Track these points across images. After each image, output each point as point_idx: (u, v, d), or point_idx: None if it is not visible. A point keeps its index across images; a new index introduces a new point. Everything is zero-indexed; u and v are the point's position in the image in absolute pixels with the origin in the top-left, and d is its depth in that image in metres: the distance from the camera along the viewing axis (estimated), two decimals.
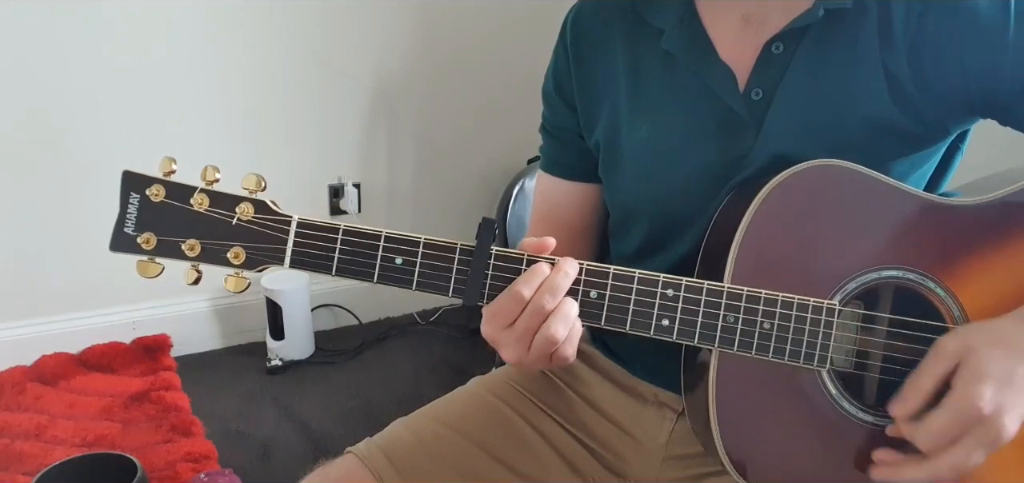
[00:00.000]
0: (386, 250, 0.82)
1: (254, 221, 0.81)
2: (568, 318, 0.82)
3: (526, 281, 0.81)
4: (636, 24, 0.99)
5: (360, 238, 0.82)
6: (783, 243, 0.87)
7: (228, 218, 0.81)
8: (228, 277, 0.84)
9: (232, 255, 0.82)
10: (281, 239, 0.82)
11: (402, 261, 0.83)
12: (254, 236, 0.81)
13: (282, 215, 0.82)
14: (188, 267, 0.83)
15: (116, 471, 1.60)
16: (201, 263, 0.83)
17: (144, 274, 0.84)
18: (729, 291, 0.84)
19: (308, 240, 0.82)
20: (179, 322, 2.36)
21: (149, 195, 0.81)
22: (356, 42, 2.38)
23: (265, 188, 0.82)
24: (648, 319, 0.85)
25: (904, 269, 0.87)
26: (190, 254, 0.82)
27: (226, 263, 0.82)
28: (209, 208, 0.81)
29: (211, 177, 0.82)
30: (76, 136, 2.15)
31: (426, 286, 0.83)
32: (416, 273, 0.82)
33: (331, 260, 0.82)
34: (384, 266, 0.82)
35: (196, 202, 0.81)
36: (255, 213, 0.81)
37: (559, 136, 1.08)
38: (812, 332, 0.85)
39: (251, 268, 0.82)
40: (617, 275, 0.84)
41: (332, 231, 0.82)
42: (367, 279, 0.83)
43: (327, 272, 0.82)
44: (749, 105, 0.93)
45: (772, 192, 0.86)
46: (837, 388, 0.87)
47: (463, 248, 0.83)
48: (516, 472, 1.01)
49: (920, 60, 0.88)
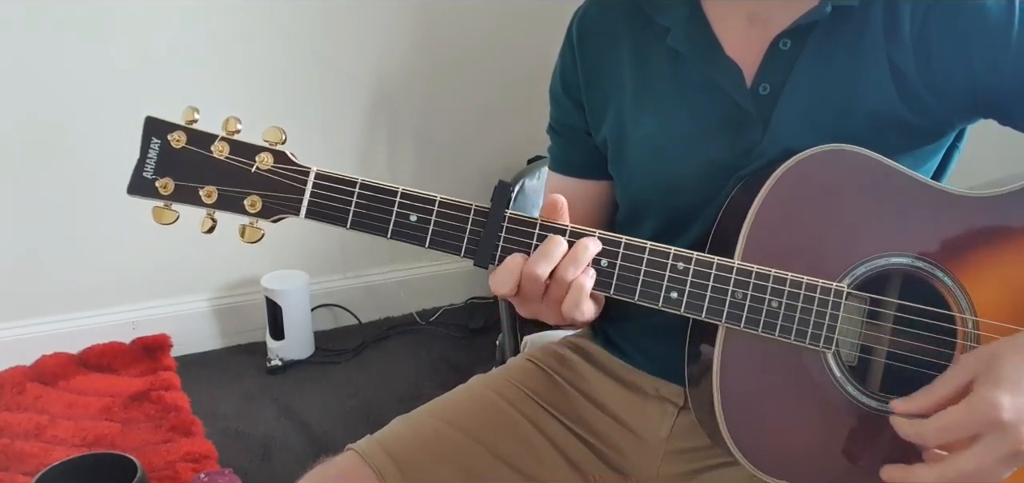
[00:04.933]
0: (401, 206, 0.83)
1: (273, 170, 0.83)
2: (583, 289, 0.83)
3: (540, 259, 0.82)
4: (642, 23, 1.00)
5: (377, 193, 0.83)
6: (793, 226, 0.87)
7: (247, 166, 0.83)
8: (243, 226, 0.84)
9: (249, 203, 0.83)
10: (299, 189, 0.83)
11: (416, 218, 0.83)
12: (272, 185, 0.83)
13: (301, 166, 0.83)
14: (204, 215, 0.84)
15: (116, 471, 1.61)
16: (217, 210, 0.83)
17: (159, 220, 0.84)
18: (739, 267, 0.85)
19: (325, 191, 0.83)
20: (179, 322, 2.36)
21: (170, 141, 0.83)
22: (356, 42, 2.38)
23: (285, 140, 0.83)
24: (657, 290, 0.85)
25: (913, 257, 0.87)
26: (207, 200, 0.83)
27: (242, 210, 0.83)
28: (229, 156, 0.83)
29: (233, 127, 0.83)
30: (76, 136, 2.15)
31: (439, 244, 0.84)
32: (430, 231, 0.83)
33: (347, 213, 0.83)
34: (399, 222, 0.83)
35: (216, 149, 0.83)
36: (274, 163, 0.83)
37: (567, 135, 1.09)
38: (819, 313, 0.85)
39: (267, 217, 0.83)
40: (628, 245, 0.85)
41: (350, 184, 0.83)
42: (381, 234, 0.83)
43: (342, 224, 0.83)
44: (756, 100, 0.93)
45: (784, 176, 0.86)
46: (842, 372, 0.87)
47: (478, 209, 0.84)
48: (517, 469, 1.01)
49: (927, 55, 0.89)
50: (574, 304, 0.82)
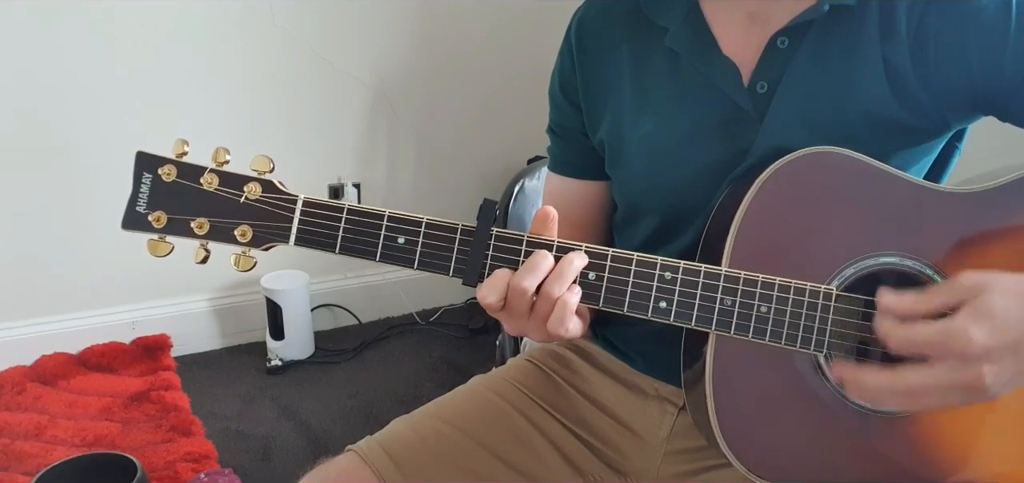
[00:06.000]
0: (389, 229, 0.84)
1: (261, 199, 0.84)
2: (568, 306, 0.82)
3: (524, 275, 0.82)
4: (641, 24, 1.00)
5: (363, 217, 0.84)
6: (780, 229, 0.87)
7: (236, 197, 0.84)
8: (236, 255, 0.86)
9: (239, 233, 0.84)
10: (287, 217, 0.84)
11: (404, 241, 0.84)
12: (261, 214, 0.84)
13: (288, 194, 0.84)
14: (197, 245, 0.85)
15: (116, 471, 1.61)
16: (209, 241, 0.85)
17: (154, 253, 0.86)
18: (726, 274, 0.85)
19: (313, 218, 0.84)
20: (179, 322, 2.36)
21: (161, 175, 0.84)
22: (356, 42, 2.38)
23: (273, 169, 0.85)
24: (646, 301, 0.85)
25: (902, 255, 0.87)
26: (199, 232, 0.84)
27: (233, 241, 0.84)
28: (218, 187, 0.84)
29: (222, 159, 0.84)
30: (76, 136, 2.15)
31: (427, 265, 0.85)
32: (418, 253, 0.84)
33: (335, 238, 0.84)
34: (387, 245, 0.84)
35: (206, 181, 0.84)
36: (262, 192, 0.84)
37: (565, 136, 1.09)
38: (809, 316, 0.85)
39: (258, 246, 0.85)
40: (615, 257, 0.85)
41: (336, 210, 0.84)
42: (370, 258, 0.84)
43: (331, 250, 0.84)
44: (754, 98, 0.94)
45: (768, 180, 0.87)
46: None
47: (464, 229, 0.85)
48: (517, 470, 1.01)
49: (923, 53, 0.89)
50: (559, 320, 0.82)
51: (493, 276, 0.83)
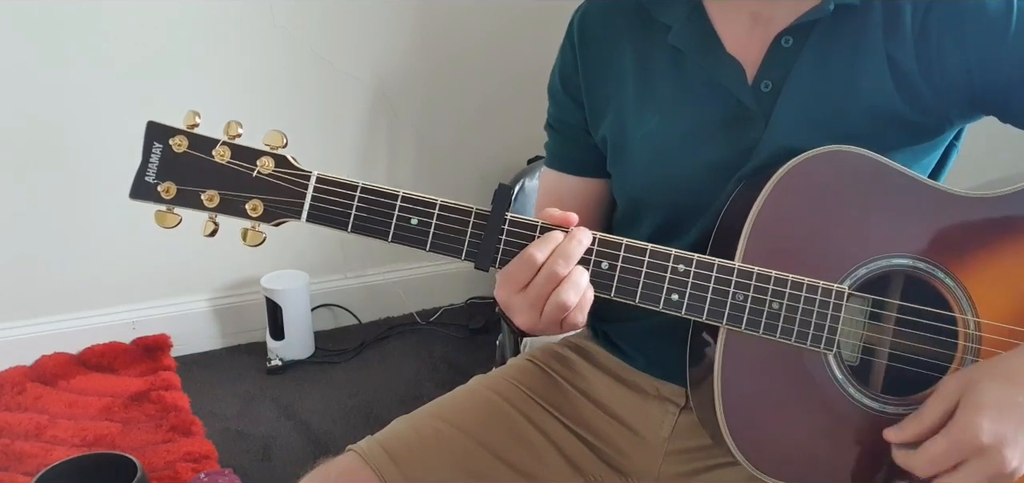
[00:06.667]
0: (403, 210, 0.84)
1: (274, 174, 0.83)
2: (578, 286, 0.83)
3: (539, 246, 0.83)
4: (644, 22, 1.00)
5: (377, 197, 0.84)
6: (794, 227, 0.88)
7: (248, 170, 0.83)
8: (245, 230, 0.85)
9: (250, 207, 0.83)
10: (300, 193, 0.83)
11: (417, 222, 0.84)
12: (273, 189, 0.83)
13: (302, 170, 0.84)
14: (206, 218, 0.84)
15: (116, 471, 1.61)
16: (219, 214, 0.84)
17: (162, 224, 0.85)
18: (740, 269, 0.85)
19: (326, 195, 0.84)
20: (179, 322, 2.36)
21: (172, 145, 0.83)
22: (356, 42, 2.38)
23: (287, 144, 0.84)
24: (658, 292, 0.85)
25: (914, 258, 0.87)
26: (209, 204, 0.83)
27: (244, 214, 0.84)
28: (231, 160, 0.83)
29: (234, 131, 0.84)
30: (76, 136, 2.15)
31: (440, 247, 0.84)
32: (431, 234, 0.84)
33: (348, 217, 0.84)
34: (400, 225, 0.84)
35: (218, 154, 0.83)
36: (275, 167, 0.83)
37: (564, 132, 1.09)
38: (820, 314, 0.86)
39: (268, 221, 0.84)
40: (629, 247, 0.85)
41: (350, 188, 0.84)
42: (382, 237, 0.84)
43: (343, 228, 0.84)
44: (758, 97, 0.94)
45: (784, 177, 0.87)
46: (843, 373, 0.87)
47: (478, 212, 0.84)
48: (517, 469, 1.01)
49: (927, 51, 0.89)
50: (565, 302, 0.82)
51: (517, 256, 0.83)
